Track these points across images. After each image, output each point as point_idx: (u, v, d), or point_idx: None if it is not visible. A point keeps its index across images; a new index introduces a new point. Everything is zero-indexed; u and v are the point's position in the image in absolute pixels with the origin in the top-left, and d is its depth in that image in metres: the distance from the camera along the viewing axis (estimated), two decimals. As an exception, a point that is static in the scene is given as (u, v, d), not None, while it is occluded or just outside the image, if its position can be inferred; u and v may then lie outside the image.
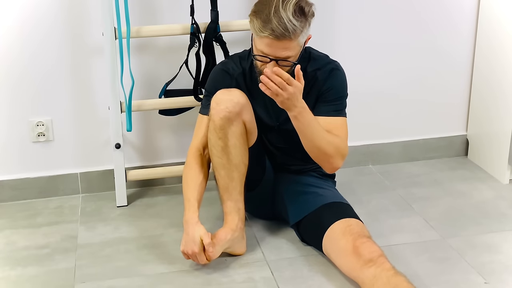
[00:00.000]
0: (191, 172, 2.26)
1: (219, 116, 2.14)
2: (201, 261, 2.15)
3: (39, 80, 2.62)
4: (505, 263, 2.24)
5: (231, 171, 2.20)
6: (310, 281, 2.15)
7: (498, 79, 2.85)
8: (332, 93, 2.24)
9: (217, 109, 2.15)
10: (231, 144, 2.17)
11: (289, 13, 2.01)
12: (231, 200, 2.23)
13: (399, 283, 1.93)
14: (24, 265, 2.27)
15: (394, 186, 2.84)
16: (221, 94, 2.18)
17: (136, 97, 2.63)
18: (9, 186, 2.71)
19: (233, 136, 2.17)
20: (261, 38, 2.05)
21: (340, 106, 2.26)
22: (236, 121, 2.16)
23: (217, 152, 2.19)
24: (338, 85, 2.26)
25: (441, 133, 3.10)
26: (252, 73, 2.25)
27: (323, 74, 2.25)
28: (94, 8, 2.53)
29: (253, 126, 2.25)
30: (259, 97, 2.24)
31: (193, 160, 2.28)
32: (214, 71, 2.34)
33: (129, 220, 2.57)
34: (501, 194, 2.76)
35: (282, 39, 2.03)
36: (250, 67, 2.27)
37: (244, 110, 2.18)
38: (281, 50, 2.06)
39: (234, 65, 2.29)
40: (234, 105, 2.15)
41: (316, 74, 2.25)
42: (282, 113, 2.27)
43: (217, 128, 2.16)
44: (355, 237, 2.09)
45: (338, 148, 2.17)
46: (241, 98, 2.18)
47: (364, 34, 2.86)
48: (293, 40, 2.05)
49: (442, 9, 2.91)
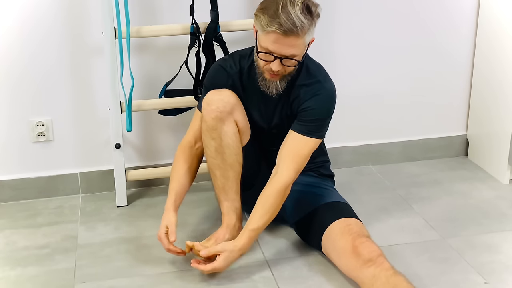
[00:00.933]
0: (176, 164, 2.29)
1: (210, 117, 2.16)
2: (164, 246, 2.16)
3: (39, 80, 2.62)
4: (505, 263, 2.24)
5: (226, 171, 2.21)
6: (310, 281, 2.15)
7: (498, 79, 2.85)
8: (309, 113, 2.18)
9: (208, 110, 2.16)
10: (225, 144, 2.18)
11: (297, 10, 2.01)
12: (227, 200, 2.24)
13: (398, 282, 1.93)
14: (24, 265, 2.27)
15: (394, 186, 2.84)
16: (212, 94, 2.19)
17: (136, 97, 2.64)
18: (9, 186, 2.71)
19: (226, 135, 2.17)
20: (268, 33, 2.04)
21: (315, 127, 2.19)
22: (228, 121, 2.17)
23: (211, 152, 2.20)
24: (319, 107, 2.18)
25: (441, 133, 3.10)
26: (251, 73, 2.24)
27: (307, 93, 2.20)
28: (94, 8, 2.53)
29: (245, 125, 2.25)
30: (255, 98, 2.24)
31: (180, 152, 2.31)
32: (213, 67, 2.34)
33: (129, 220, 2.57)
34: (501, 194, 2.76)
35: (289, 35, 2.02)
36: (249, 66, 2.25)
37: (235, 110, 2.19)
38: (287, 47, 2.05)
39: (233, 63, 2.28)
40: (225, 104, 2.16)
41: (300, 90, 2.20)
42: (274, 117, 2.28)
43: (210, 128, 2.17)
44: (354, 236, 2.09)
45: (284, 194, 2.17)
46: (231, 98, 2.18)
47: (364, 35, 2.86)
48: (300, 37, 2.04)
49: (442, 10, 2.91)
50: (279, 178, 2.17)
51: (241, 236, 2.14)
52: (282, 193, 2.17)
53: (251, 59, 2.24)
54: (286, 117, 2.27)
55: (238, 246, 2.12)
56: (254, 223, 2.15)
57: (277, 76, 2.14)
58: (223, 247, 2.12)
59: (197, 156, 2.32)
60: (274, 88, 2.17)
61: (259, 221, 2.15)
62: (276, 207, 2.17)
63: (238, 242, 2.13)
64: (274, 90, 2.18)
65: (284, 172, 2.17)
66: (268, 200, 2.16)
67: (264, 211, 2.16)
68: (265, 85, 2.18)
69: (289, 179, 2.17)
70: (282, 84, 2.17)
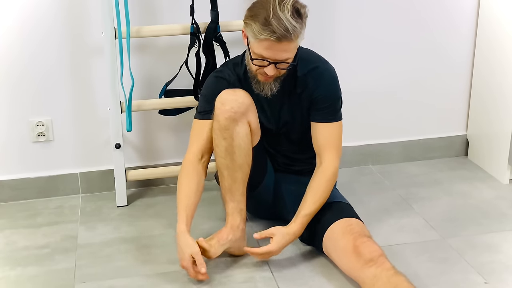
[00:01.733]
0: (185, 180, 2.23)
1: (224, 116, 2.13)
2: (190, 275, 2.11)
3: (39, 80, 2.62)
4: (505, 263, 2.24)
5: (234, 172, 2.19)
6: (310, 281, 2.15)
7: (498, 80, 2.85)
8: (322, 101, 2.23)
9: (222, 109, 2.14)
10: (236, 145, 2.16)
11: (288, 15, 2.01)
12: (233, 201, 2.23)
13: (399, 283, 1.93)
14: (24, 265, 2.27)
15: (394, 186, 2.84)
16: (226, 94, 2.17)
17: (136, 97, 2.63)
18: (9, 186, 2.71)
19: (238, 136, 2.15)
20: (261, 41, 2.04)
21: (333, 110, 2.25)
22: (241, 122, 2.15)
23: (221, 152, 2.18)
24: (329, 92, 2.24)
25: (441, 133, 3.10)
26: (247, 79, 2.24)
27: (313, 79, 2.22)
28: (94, 8, 2.53)
29: (257, 127, 2.24)
30: (257, 102, 2.24)
31: (189, 167, 2.24)
32: (209, 79, 2.31)
33: (129, 220, 2.57)
34: (501, 194, 2.76)
35: (283, 41, 2.02)
36: (244, 72, 2.25)
37: (249, 111, 2.18)
38: (281, 52, 2.06)
39: (229, 71, 2.28)
40: (239, 105, 2.14)
41: (307, 79, 2.23)
42: (281, 118, 2.28)
43: (222, 128, 2.14)
44: (356, 236, 2.09)
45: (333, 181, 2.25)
46: (246, 99, 2.17)
47: (364, 35, 2.86)
48: (293, 41, 2.05)
49: (443, 10, 2.91)
50: (326, 167, 2.23)
51: (294, 222, 2.19)
52: (332, 180, 2.23)
53: (244, 65, 2.24)
54: (297, 111, 2.27)
55: (291, 231, 2.17)
56: (306, 209, 2.19)
57: (271, 78, 2.15)
58: (276, 231, 2.16)
59: (204, 169, 2.27)
60: (268, 90, 2.18)
61: (312, 207, 2.19)
62: (326, 193, 2.22)
63: (290, 228, 2.18)
64: (269, 92, 2.19)
65: (329, 161, 2.23)
66: (319, 187, 2.21)
67: (316, 198, 2.20)
68: (259, 87, 2.19)
69: (335, 166, 2.24)
70: (276, 84, 2.18)
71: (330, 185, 2.24)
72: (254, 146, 2.24)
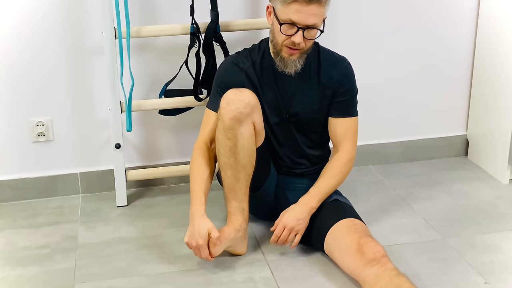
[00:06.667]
0: (198, 166, 2.24)
1: (229, 117, 2.12)
2: (203, 254, 2.13)
3: (39, 80, 2.62)
4: (505, 263, 2.24)
5: (237, 172, 2.19)
6: (310, 281, 2.15)
7: (498, 80, 2.85)
8: (347, 92, 2.30)
9: (227, 109, 2.13)
10: (240, 145, 2.15)
11: None
12: (236, 200, 2.23)
13: (401, 283, 1.93)
14: (24, 265, 2.27)
15: (394, 186, 2.84)
16: (232, 94, 2.16)
17: (136, 97, 2.64)
18: (9, 186, 2.71)
19: (242, 137, 2.15)
20: (289, 4, 2.06)
21: (351, 104, 2.32)
22: (246, 122, 2.14)
23: (225, 152, 2.18)
24: (351, 85, 2.32)
25: (441, 133, 3.10)
26: (264, 63, 2.26)
27: (338, 73, 2.28)
28: (94, 8, 2.53)
29: (261, 127, 2.24)
30: (271, 87, 2.24)
31: (200, 154, 2.26)
32: (223, 64, 2.34)
33: (129, 220, 2.57)
34: (501, 194, 2.76)
35: (313, 2, 2.05)
36: (262, 58, 2.27)
37: (254, 111, 2.17)
38: (310, 16, 2.08)
39: (244, 58, 2.29)
40: (245, 106, 2.13)
41: (331, 73, 2.27)
42: (293, 105, 2.28)
43: (226, 128, 2.14)
44: (360, 235, 2.09)
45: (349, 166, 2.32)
46: (251, 99, 2.16)
47: (363, 35, 2.86)
48: (322, 6, 2.09)
49: (443, 10, 2.91)
50: (342, 153, 2.31)
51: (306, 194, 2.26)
52: (348, 165, 2.31)
53: (262, 51, 2.27)
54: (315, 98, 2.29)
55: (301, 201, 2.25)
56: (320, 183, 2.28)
57: (297, 52, 2.16)
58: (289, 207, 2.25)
59: (214, 157, 2.29)
60: (293, 66, 2.19)
61: (324, 183, 2.28)
62: (341, 176, 2.31)
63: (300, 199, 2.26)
64: (293, 69, 2.20)
65: (345, 149, 2.31)
66: (335, 168, 2.30)
67: (331, 176, 2.29)
68: (283, 64, 2.19)
69: (352, 153, 2.32)
70: (300, 61, 2.19)
71: (346, 169, 2.30)
72: (258, 147, 2.24)
